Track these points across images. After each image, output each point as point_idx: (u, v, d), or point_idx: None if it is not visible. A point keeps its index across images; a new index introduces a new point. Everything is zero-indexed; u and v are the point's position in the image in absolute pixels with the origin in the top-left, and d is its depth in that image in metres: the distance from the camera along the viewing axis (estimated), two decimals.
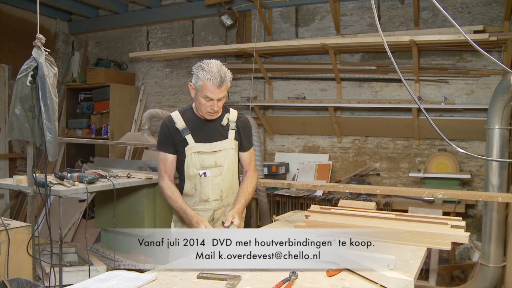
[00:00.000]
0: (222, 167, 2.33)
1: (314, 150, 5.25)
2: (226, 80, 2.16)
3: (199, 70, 2.15)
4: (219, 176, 2.33)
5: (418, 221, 2.22)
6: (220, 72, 2.13)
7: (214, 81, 2.11)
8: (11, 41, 5.95)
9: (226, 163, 2.34)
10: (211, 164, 2.31)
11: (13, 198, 5.91)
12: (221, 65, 2.18)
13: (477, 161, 4.43)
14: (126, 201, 4.12)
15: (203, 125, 2.31)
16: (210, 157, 2.30)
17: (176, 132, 2.29)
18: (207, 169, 2.30)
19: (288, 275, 1.62)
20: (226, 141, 2.34)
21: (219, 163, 2.32)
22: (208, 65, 2.15)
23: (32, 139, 2.68)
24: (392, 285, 1.51)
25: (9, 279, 2.22)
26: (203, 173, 2.30)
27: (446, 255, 4.22)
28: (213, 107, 2.19)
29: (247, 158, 2.45)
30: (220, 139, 2.33)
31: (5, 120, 5.86)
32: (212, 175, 2.31)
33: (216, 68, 2.14)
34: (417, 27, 4.56)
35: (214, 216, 2.36)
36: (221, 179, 2.34)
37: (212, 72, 2.11)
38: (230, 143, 2.35)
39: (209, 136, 2.31)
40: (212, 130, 2.32)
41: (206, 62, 2.17)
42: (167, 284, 1.59)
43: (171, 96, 6.12)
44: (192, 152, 2.28)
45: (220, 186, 2.34)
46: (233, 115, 2.38)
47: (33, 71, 2.58)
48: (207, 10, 5.62)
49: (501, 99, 3.22)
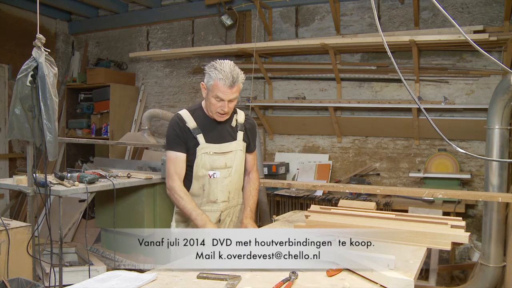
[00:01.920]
0: (231, 168, 2.31)
1: (314, 150, 5.25)
2: (239, 81, 2.12)
3: (212, 70, 2.12)
4: (228, 177, 2.31)
5: (418, 221, 2.22)
6: (232, 73, 2.09)
7: (226, 81, 2.08)
8: (11, 41, 5.94)
9: (235, 164, 2.32)
10: (221, 165, 2.28)
11: (13, 198, 5.91)
12: (234, 66, 2.14)
13: (477, 161, 4.43)
14: (126, 201, 4.12)
15: (214, 125, 2.27)
16: (220, 158, 2.28)
17: (187, 131, 2.24)
18: (216, 170, 2.27)
19: (288, 275, 1.62)
20: (235, 143, 2.32)
21: (229, 165, 2.30)
22: (221, 65, 2.11)
23: (32, 139, 2.68)
24: (392, 285, 1.51)
25: (9, 279, 2.22)
26: (213, 174, 2.26)
27: (446, 255, 4.22)
28: (224, 108, 2.16)
29: (252, 159, 2.45)
30: (229, 140, 2.31)
31: (5, 120, 5.86)
32: (222, 176, 2.29)
33: (229, 68, 2.10)
34: (417, 27, 4.56)
35: (221, 217, 2.35)
36: (230, 180, 2.32)
37: (224, 72, 2.08)
38: (239, 145, 2.34)
39: (219, 137, 2.28)
40: (222, 131, 2.29)
41: (219, 62, 2.14)
42: (167, 284, 1.59)
43: (171, 96, 6.12)
44: (202, 153, 2.24)
45: (229, 187, 2.32)
46: (241, 117, 2.37)
47: (33, 71, 2.58)
48: (207, 10, 5.62)
49: (501, 99, 3.22)
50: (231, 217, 2.44)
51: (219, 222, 2.34)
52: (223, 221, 2.37)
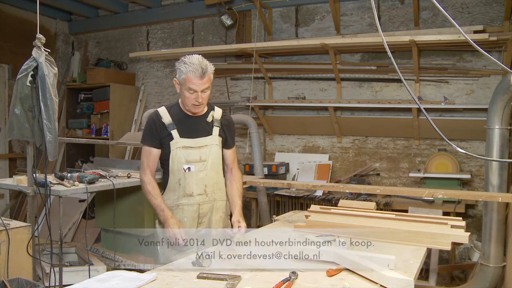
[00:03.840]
0: (206, 162, 2.38)
1: (314, 150, 5.25)
2: (208, 72, 2.23)
3: (181, 64, 2.25)
4: (203, 171, 2.37)
5: (418, 221, 2.22)
6: (201, 64, 2.21)
7: (196, 72, 2.19)
8: (11, 41, 5.94)
9: (210, 158, 2.39)
10: (196, 159, 2.35)
11: (13, 198, 5.91)
12: (202, 58, 2.26)
13: (477, 161, 4.43)
14: (126, 201, 4.12)
15: (189, 120, 2.37)
16: (194, 152, 2.35)
17: (162, 126, 2.34)
18: (191, 164, 2.35)
19: (288, 275, 1.62)
20: (210, 137, 2.40)
21: (204, 158, 2.37)
22: (190, 59, 2.24)
23: (32, 139, 2.68)
24: (392, 285, 1.51)
25: (9, 279, 2.22)
26: (187, 168, 2.34)
27: (446, 255, 4.22)
28: (198, 99, 2.25)
29: (231, 155, 2.52)
30: (204, 135, 2.39)
31: (5, 120, 5.86)
32: (196, 169, 2.35)
33: (197, 60, 2.22)
34: (417, 27, 4.56)
35: (200, 210, 2.39)
36: (205, 174, 2.38)
37: (193, 64, 2.20)
38: (214, 139, 2.41)
39: (194, 132, 2.37)
40: (197, 125, 2.38)
41: (188, 57, 2.27)
42: (167, 284, 1.59)
43: (171, 96, 6.12)
44: (177, 147, 2.33)
45: (204, 180, 2.38)
46: (217, 113, 2.45)
47: (33, 71, 2.58)
48: (207, 10, 5.62)
49: (501, 99, 3.22)
50: (219, 213, 2.47)
51: (198, 216, 2.37)
52: (205, 215, 2.40)
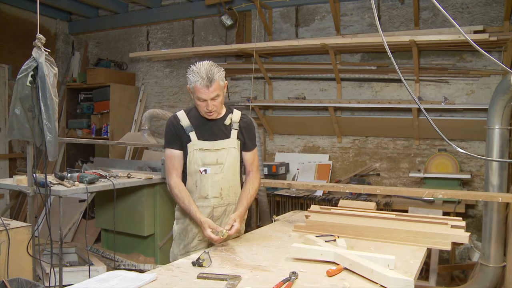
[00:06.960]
0: (223, 165, 2.36)
1: (314, 150, 5.25)
2: (215, 80, 2.19)
3: (190, 73, 2.23)
4: (220, 173, 2.36)
5: (418, 221, 2.22)
6: (208, 73, 2.18)
7: (202, 82, 2.17)
8: (11, 41, 5.95)
9: (227, 161, 2.37)
10: (212, 161, 2.34)
11: (13, 198, 5.91)
12: (210, 66, 2.22)
13: (477, 161, 4.43)
14: (126, 201, 4.13)
15: (207, 123, 2.36)
16: (211, 155, 2.34)
17: (181, 129, 2.35)
18: (208, 166, 2.34)
19: (288, 275, 1.62)
20: (228, 140, 2.38)
21: (220, 161, 2.36)
22: (198, 67, 2.21)
23: (32, 139, 2.68)
24: (392, 285, 1.51)
25: (9, 279, 2.22)
26: (203, 170, 2.33)
27: (446, 255, 4.22)
28: (208, 107, 2.25)
29: (250, 158, 2.48)
30: (222, 137, 2.37)
31: (5, 120, 5.86)
32: (213, 172, 2.35)
33: (205, 69, 2.19)
34: (417, 27, 4.56)
35: (213, 213, 2.38)
36: (222, 176, 2.36)
37: (200, 73, 2.18)
38: (232, 142, 2.39)
39: (212, 135, 2.36)
40: (215, 128, 2.37)
41: (197, 64, 2.24)
42: (167, 284, 1.59)
43: (171, 96, 6.12)
44: (194, 149, 2.33)
45: (220, 183, 2.36)
46: (236, 116, 2.43)
47: (33, 71, 2.58)
48: (207, 10, 5.62)
49: (501, 99, 3.22)
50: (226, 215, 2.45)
51: (212, 218, 2.36)
52: (218, 218, 2.39)
